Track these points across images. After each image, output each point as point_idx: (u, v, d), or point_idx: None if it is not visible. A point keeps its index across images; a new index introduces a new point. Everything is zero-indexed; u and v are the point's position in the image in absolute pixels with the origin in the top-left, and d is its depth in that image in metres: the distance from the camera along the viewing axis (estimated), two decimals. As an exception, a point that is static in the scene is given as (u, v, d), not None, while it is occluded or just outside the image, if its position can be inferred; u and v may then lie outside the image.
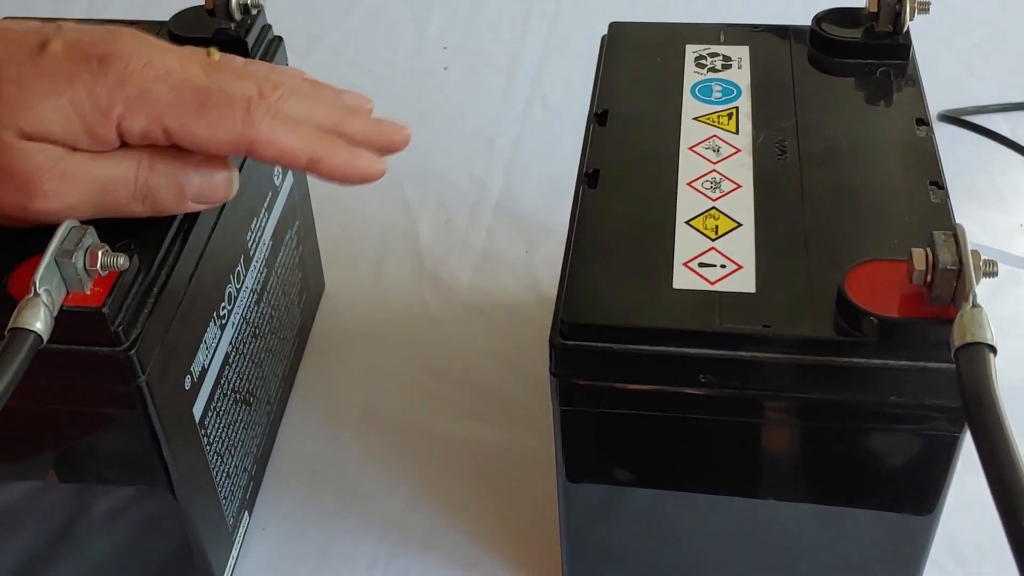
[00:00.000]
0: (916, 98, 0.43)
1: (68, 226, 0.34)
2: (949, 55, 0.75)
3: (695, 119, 0.42)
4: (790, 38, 0.47)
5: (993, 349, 0.30)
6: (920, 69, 0.45)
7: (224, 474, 0.44)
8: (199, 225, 0.39)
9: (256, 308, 0.47)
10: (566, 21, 0.81)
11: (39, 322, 0.32)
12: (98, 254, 0.34)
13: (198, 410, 0.41)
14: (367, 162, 0.38)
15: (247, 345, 0.46)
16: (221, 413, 0.43)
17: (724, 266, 0.35)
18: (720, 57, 0.46)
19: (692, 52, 0.46)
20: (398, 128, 0.40)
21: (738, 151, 0.41)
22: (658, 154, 0.41)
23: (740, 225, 0.37)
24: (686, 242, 0.36)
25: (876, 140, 0.41)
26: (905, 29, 0.45)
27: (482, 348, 0.56)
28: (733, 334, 0.33)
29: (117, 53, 0.35)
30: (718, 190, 0.39)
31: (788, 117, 0.42)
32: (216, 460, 0.43)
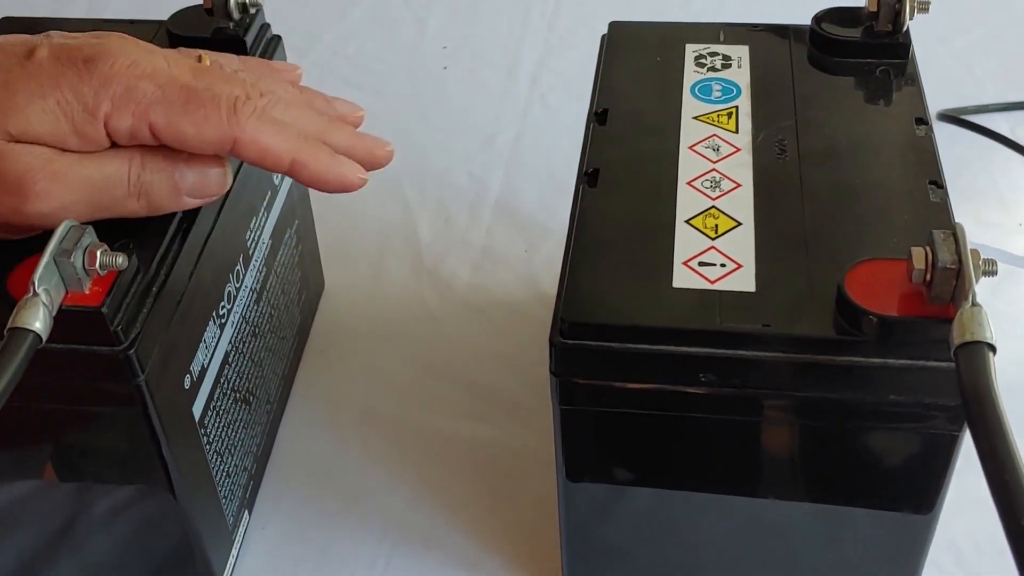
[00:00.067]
0: (916, 97, 0.43)
1: (67, 226, 0.34)
2: (948, 54, 0.75)
3: (695, 118, 0.42)
4: (790, 37, 0.47)
5: (993, 348, 0.30)
6: (919, 68, 0.45)
7: (224, 473, 0.44)
8: (198, 224, 0.39)
9: (256, 307, 0.47)
10: (565, 20, 0.81)
11: (38, 322, 0.32)
12: (97, 253, 0.34)
13: (198, 409, 0.41)
14: (349, 170, 0.38)
15: (247, 344, 0.46)
16: (221, 412, 0.43)
17: (724, 265, 0.35)
18: (720, 56, 0.46)
19: (692, 51, 0.46)
20: (381, 144, 0.40)
21: (738, 150, 0.41)
22: (658, 153, 0.41)
23: (740, 224, 0.37)
24: (686, 241, 0.36)
25: (876, 139, 0.41)
26: (905, 28, 0.45)
27: (482, 347, 0.56)
28: (733, 333, 0.33)
29: (103, 54, 0.35)
30: (718, 189, 0.39)
31: (788, 116, 0.42)
32: (216, 459, 0.43)
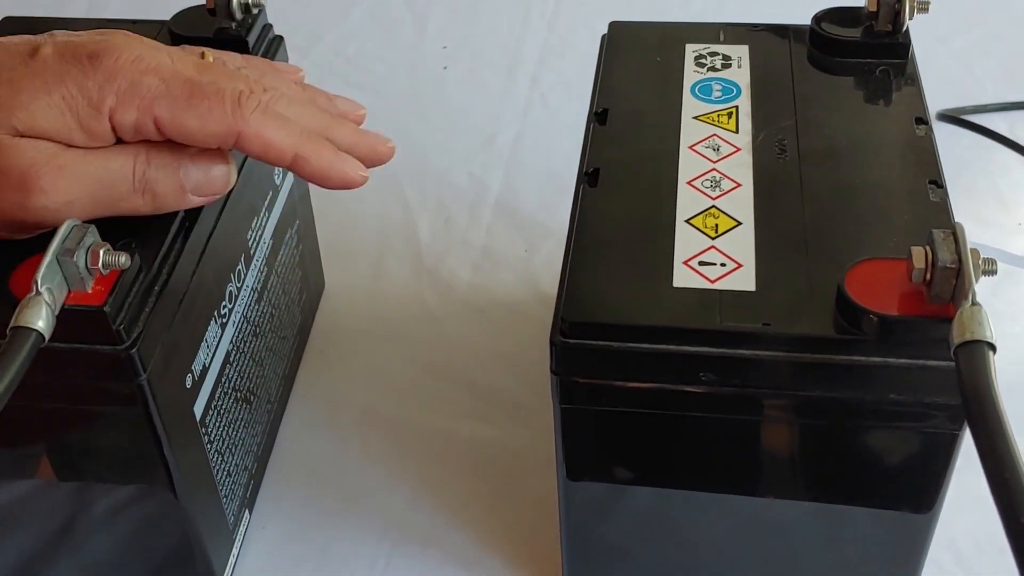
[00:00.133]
0: (915, 97, 0.43)
1: (69, 225, 0.34)
2: (948, 54, 0.75)
3: (695, 118, 0.42)
4: (790, 37, 0.47)
5: (993, 347, 0.30)
6: (919, 68, 0.45)
7: (225, 472, 0.44)
8: (200, 224, 0.39)
9: (257, 307, 0.47)
10: (565, 20, 0.81)
11: (41, 321, 0.32)
12: (99, 252, 0.34)
13: (199, 409, 0.41)
14: (351, 167, 0.38)
15: (248, 344, 0.46)
16: (222, 412, 0.43)
17: (724, 264, 0.35)
18: (720, 56, 0.46)
19: (692, 51, 0.46)
20: (383, 140, 0.41)
21: (738, 150, 0.41)
22: (658, 153, 0.41)
23: (740, 224, 0.37)
24: (686, 241, 0.37)
25: (875, 139, 0.41)
26: (904, 28, 0.45)
27: (482, 347, 0.56)
28: (733, 332, 0.33)
29: (107, 50, 0.36)
30: (718, 189, 0.39)
31: (788, 116, 0.42)
32: (217, 458, 0.43)
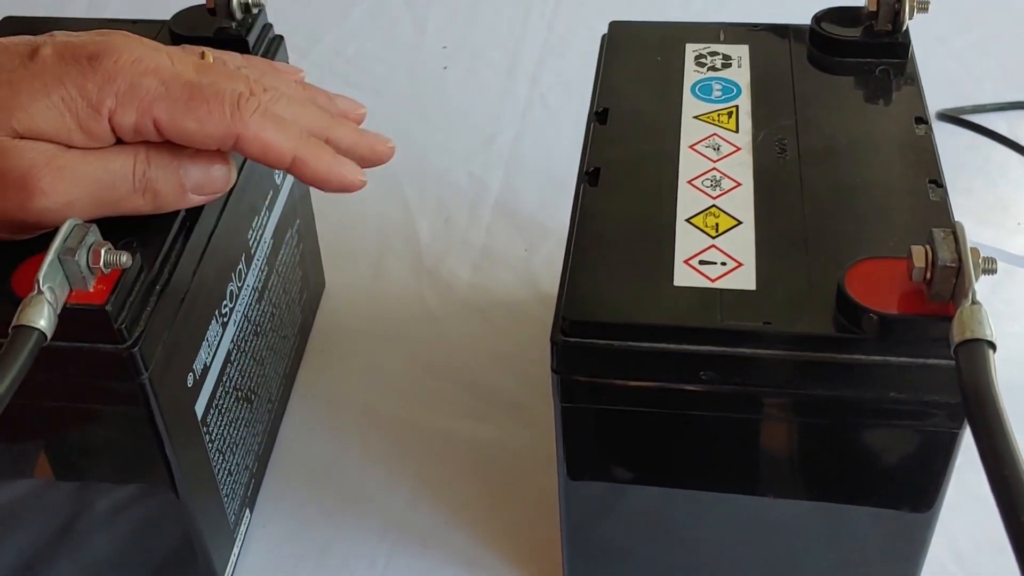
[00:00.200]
0: (915, 97, 0.43)
1: (71, 224, 0.34)
2: (948, 54, 0.75)
3: (695, 118, 0.42)
4: (790, 37, 0.47)
5: (992, 346, 0.30)
6: (919, 67, 0.45)
7: (226, 471, 0.44)
8: (201, 223, 0.39)
9: (257, 306, 0.47)
10: (565, 20, 0.81)
11: (42, 320, 0.32)
12: (101, 252, 0.34)
13: (200, 408, 0.41)
14: (350, 171, 0.39)
15: (249, 343, 0.46)
16: (223, 411, 0.43)
17: (724, 263, 0.36)
18: (720, 56, 0.46)
19: (692, 51, 0.46)
20: (383, 140, 0.41)
21: (738, 149, 0.41)
22: (658, 152, 0.41)
23: (740, 223, 0.37)
24: (687, 240, 0.37)
25: (875, 138, 0.41)
26: (904, 28, 0.45)
27: (482, 347, 0.56)
28: (734, 331, 0.33)
29: (107, 51, 0.36)
30: (718, 188, 0.39)
31: (788, 115, 0.42)
32: (218, 457, 0.43)
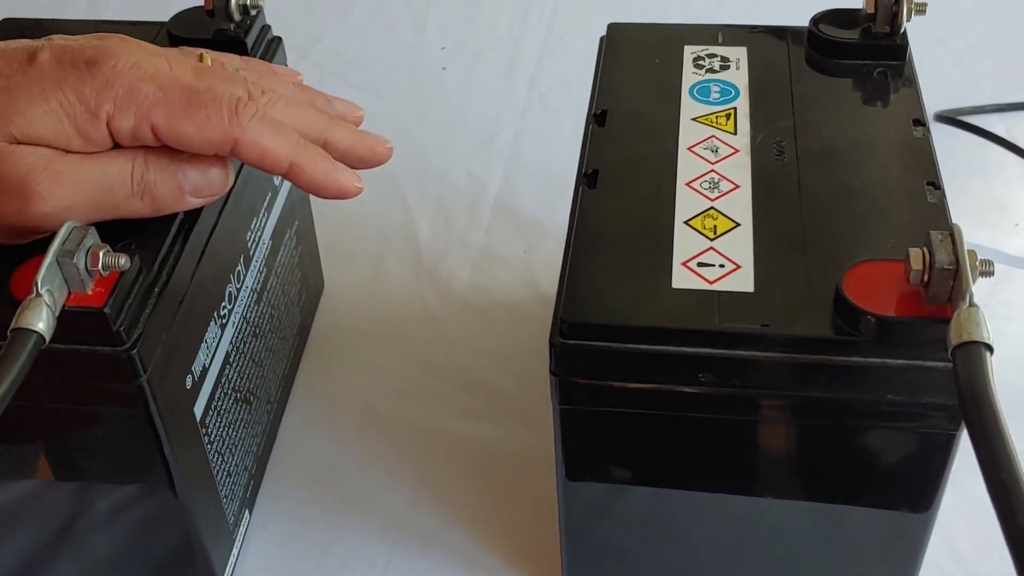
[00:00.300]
0: (913, 99, 0.43)
1: (69, 227, 0.34)
2: (945, 55, 0.75)
3: (693, 120, 0.42)
4: (788, 39, 0.47)
5: (990, 348, 0.30)
6: (916, 69, 0.45)
7: (225, 473, 0.44)
8: (199, 225, 0.39)
9: (256, 307, 0.47)
10: (564, 21, 0.81)
11: (41, 322, 0.32)
12: (99, 254, 0.34)
13: (199, 409, 0.41)
14: (346, 177, 0.39)
15: (247, 344, 0.46)
16: (222, 412, 0.43)
17: (723, 266, 0.36)
18: (718, 58, 0.46)
19: (690, 53, 0.46)
20: (381, 141, 0.41)
21: (736, 151, 0.41)
22: (657, 154, 0.41)
23: (738, 225, 0.37)
24: (685, 242, 0.37)
25: (873, 140, 0.41)
26: (902, 30, 0.45)
27: (481, 347, 0.56)
28: (732, 333, 0.33)
29: (105, 55, 0.36)
30: (716, 190, 0.39)
31: (786, 118, 0.42)
32: (217, 459, 0.43)
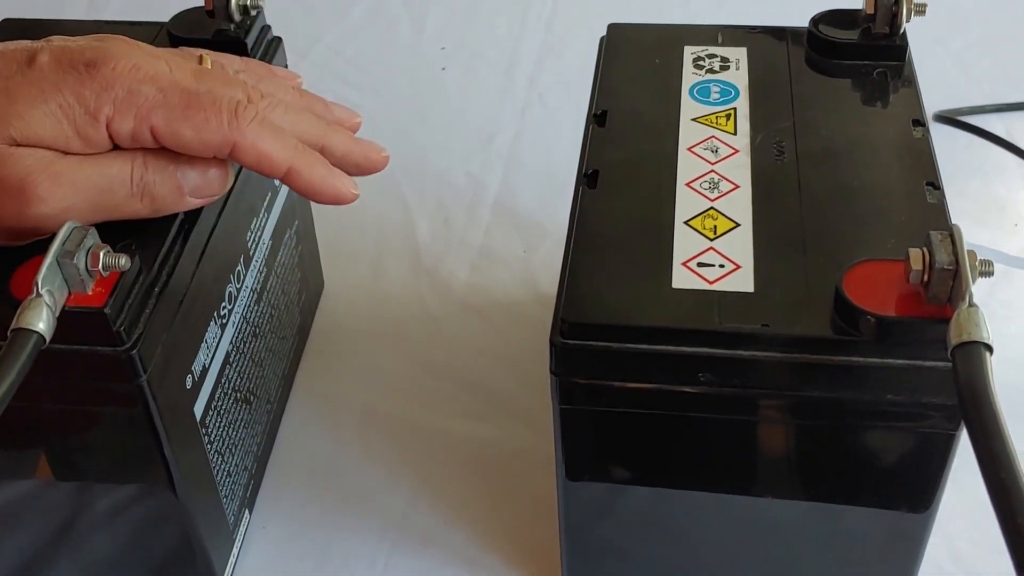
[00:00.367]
0: (912, 99, 0.43)
1: (70, 227, 0.34)
2: (945, 56, 0.75)
3: (693, 120, 0.43)
4: (787, 39, 0.47)
5: (989, 348, 0.30)
6: (916, 69, 0.45)
7: (225, 473, 0.44)
8: (199, 225, 0.39)
9: (256, 307, 0.47)
10: (563, 21, 0.81)
11: (41, 322, 0.32)
12: (100, 255, 0.34)
13: (199, 409, 0.41)
14: (343, 183, 0.39)
15: (247, 344, 0.46)
16: (222, 412, 0.43)
17: (723, 266, 0.36)
18: (718, 58, 0.46)
19: (690, 53, 0.46)
20: (378, 149, 0.41)
21: (736, 152, 0.41)
22: (657, 155, 0.41)
23: (738, 225, 0.37)
24: (685, 242, 0.37)
25: (873, 141, 0.41)
26: (902, 30, 0.45)
27: (481, 346, 0.56)
28: (732, 333, 0.33)
29: (105, 57, 0.36)
30: (716, 190, 0.39)
31: (786, 118, 0.42)
32: (217, 459, 0.43)
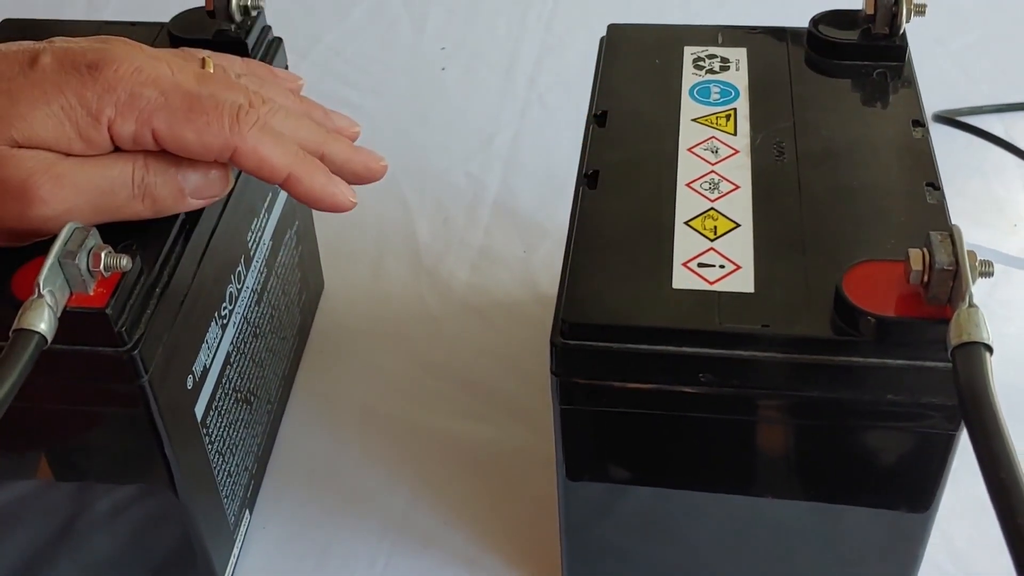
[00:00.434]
0: (912, 99, 0.43)
1: (71, 228, 0.34)
2: (944, 56, 0.75)
3: (693, 120, 0.43)
4: (787, 40, 0.47)
5: (989, 348, 0.30)
6: (915, 70, 0.45)
7: (225, 473, 0.44)
8: (200, 225, 0.39)
9: (257, 308, 0.47)
10: (563, 21, 0.81)
11: (43, 323, 0.32)
12: (101, 255, 0.34)
13: (200, 409, 0.41)
14: (342, 191, 0.39)
15: (248, 344, 0.46)
16: (222, 412, 0.43)
17: (723, 266, 0.36)
18: (718, 59, 0.46)
19: (690, 54, 0.46)
20: (376, 158, 0.41)
21: (736, 152, 0.41)
22: (657, 155, 0.41)
23: (739, 226, 0.37)
24: (685, 242, 0.37)
25: (873, 141, 0.41)
26: (901, 31, 0.45)
27: (480, 346, 0.56)
28: (732, 333, 0.33)
29: (107, 60, 0.36)
30: (717, 191, 0.39)
31: (786, 118, 0.42)
32: (217, 459, 0.43)
